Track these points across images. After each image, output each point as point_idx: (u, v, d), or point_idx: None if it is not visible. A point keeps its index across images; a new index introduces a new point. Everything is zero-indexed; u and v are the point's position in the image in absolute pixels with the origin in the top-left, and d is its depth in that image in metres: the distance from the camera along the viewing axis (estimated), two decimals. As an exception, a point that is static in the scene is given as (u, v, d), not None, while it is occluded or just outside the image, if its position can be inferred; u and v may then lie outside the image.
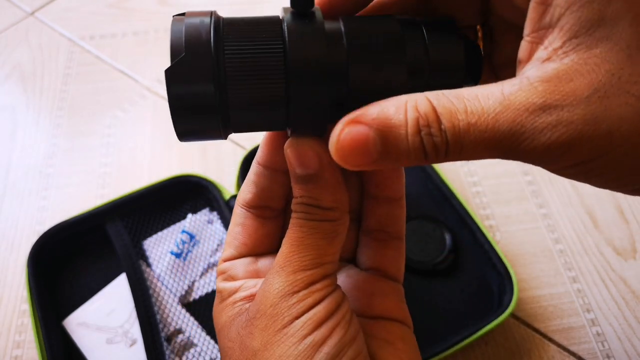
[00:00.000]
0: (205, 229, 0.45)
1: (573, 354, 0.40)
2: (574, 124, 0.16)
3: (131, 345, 0.39)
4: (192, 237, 0.44)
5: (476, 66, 0.22)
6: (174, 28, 0.19)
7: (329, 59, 0.20)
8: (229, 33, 0.20)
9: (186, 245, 0.43)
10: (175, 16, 0.20)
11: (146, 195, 0.45)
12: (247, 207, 0.26)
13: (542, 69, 0.18)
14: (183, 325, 0.40)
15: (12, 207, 0.49)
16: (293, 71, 0.19)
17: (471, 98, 0.18)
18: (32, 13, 0.66)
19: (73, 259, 0.43)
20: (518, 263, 0.44)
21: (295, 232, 0.23)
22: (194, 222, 0.45)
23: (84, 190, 0.50)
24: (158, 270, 0.42)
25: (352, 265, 0.27)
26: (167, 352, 0.38)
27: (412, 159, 0.18)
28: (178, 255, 0.43)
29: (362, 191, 0.27)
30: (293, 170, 0.22)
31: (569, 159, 0.17)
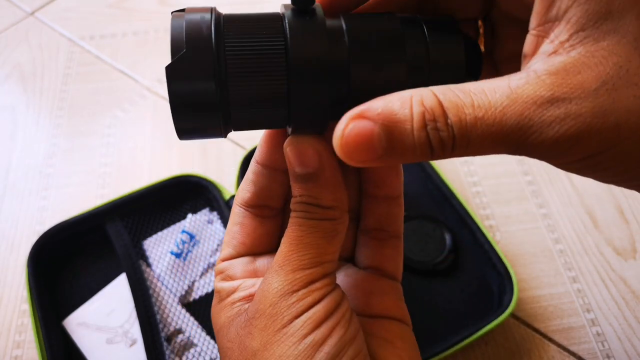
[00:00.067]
0: (205, 229, 0.45)
1: (573, 354, 0.40)
2: (582, 117, 0.16)
3: (131, 345, 0.39)
4: (192, 237, 0.44)
5: (476, 64, 0.22)
6: (174, 24, 0.19)
7: (330, 56, 0.20)
8: (230, 30, 0.19)
9: (186, 245, 0.43)
10: (175, 12, 0.20)
11: (146, 195, 0.45)
12: (246, 206, 0.25)
13: (549, 62, 0.17)
14: (183, 325, 0.40)
15: (12, 207, 0.49)
16: (294, 69, 0.19)
17: (478, 92, 0.17)
18: (32, 13, 0.66)
19: (73, 259, 0.43)
20: (518, 263, 0.44)
21: (295, 231, 0.22)
22: (194, 222, 0.45)
23: (84, 190, 0.50)
24: (158, 270, 0.42)
25: (350, 264, 0.27)
26: (167, 352, 0.38)
27: (417, 154, 0.18)
28: (178, 255, 0.42)
29: (360, 190, 0.27)
30: (292, 169, 0.22)
31: (577, 152, 0.17)
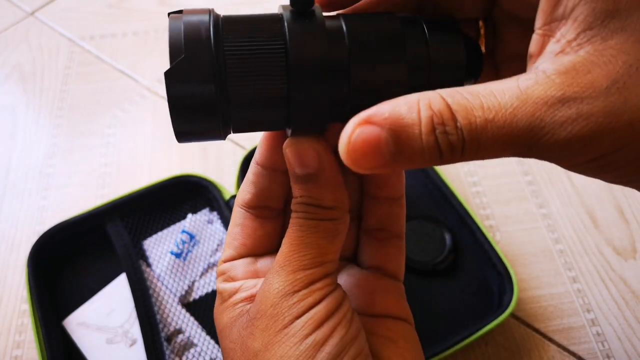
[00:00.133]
0: (205, 229, 0.45)
1: (573, 354, 0.40)
2: (595, 116, 0.16)
3: (131, 345, 0.39)
4: (192, 237, 0.44)
5: (477, 64, 0.22)
6: (172, 26, 0.19)
7: (331, 57, 0.20)
8: (229, 32, 0.19)
9: (186, 245, 0.43)
10: (172, 14, 0.20)
11: (146, 195, 0.45)
12: (246, 207, 0.25)
13: (557, 62, 0.17)
14: (183, 325, 0.40)
15: (12, 207, 0.48)
16: (294, 70, 0.19)
17: (487, 94, 0.17)
18: (32, 13, 0.66)
19: (73, 259, 0.43)
20: (518, 263, 0.44)
21: (295, 232, 0.22)
22: (194, 222, 0.44)
23: (84, 190, 0.50)
24: (158, 270, 0.42)
25: (353, 264, 0.27)
26: (167, 352, 0.38)
27: (426, 159, 0.17)
28: (178, 255, 0.42)
29: (362, 190, 0.27)
30: (292, 169, 0.22)
31: (590, 152, 0.17)
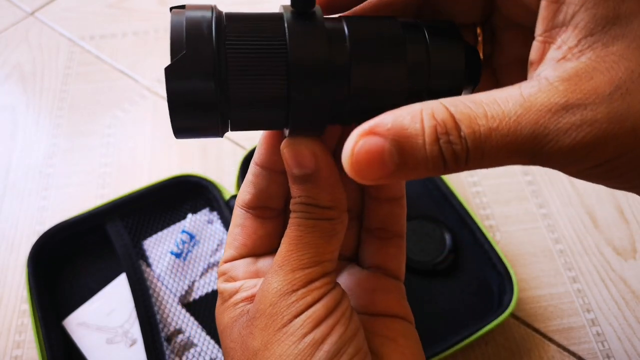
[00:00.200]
0: (205, 229, 0.45)
1: (573, 354, 0.40)
2: (599, 123, 0.16)
3: (131, 345, 0.39)
4: (192, 237, 0.44)
5: (475, 71, 0.22)
6: (174, 21, 0.19)
7: (331, 58, 0.20)
8: (231, 29, 0.19)
9: (186, 245, 0.43)
10: (174, 9, 0.20)
11: (146, 195, 0.45)
12: (246, 207, 0.26)
13: (560, 68, 0.17)
14: (183, 325, 0.40)
15: (12, 207, 0.48)
16: (294, 69, 0.19)
17: (490, 102, 0.17)
18: (32, 13, 0.66)
19: (73, 259, 0.43)
20: (518, 263, 0.44)
21: (294, 232, 0.22)
22: (194, 222, 0.44)
23: (84, 190, 0.50)
24: (158, 270, 0.42)
25: (354, 263, 0.27)
26: (167, 352, 0.38)
27: (430, 169, 0.17)
28: (178, 255, 0.42)
29: (362, 190, 0.27)
30: (290, 170, 0.22)
31: (594, 158, 0.17)
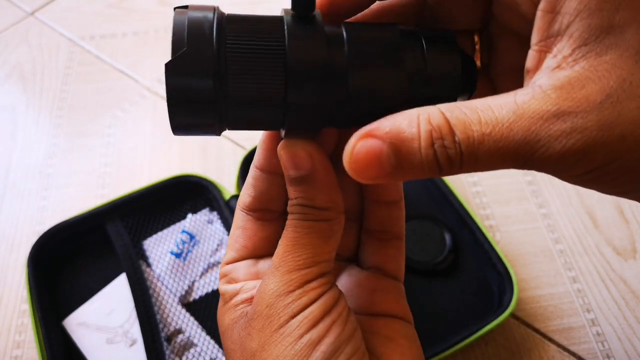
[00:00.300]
0: (205, 229, 0.45)
1: (573, 354, 0.40)
2: (589, 130, 0.17)
3: (131, 345, 0.39)
4: (192, 237, 0.44)
5: (471, 79, 0.23)
6: (176, 21, 0.19)
7: (329, 62, 0.20)
8: (232, 30, 0.20)
9: (186, 245, 0.43)
10: (178, 8, 0.20)
11: (146, 195, 0.45)
12: (247, 210, 0.26)
13: (553, 77, 0.18)
14: (183, 325, 0.40)
15: (12, 207, 0.49)
16: (292, 71, 0.19)
17: (484, 108, 0.18)
18: (32, 13, 0.66)
19: (73, 259, 0.43)
20: (518, 263, 0.44)
21: (290, 233, 0.23)
22: (194, 222, 0.45)
23: (84, 190, 0.50)
24: (158, 270, 0.42)
25: (354, 264, 0.27)
26: (167, 352, 0.38)
27: (425, 172, 0.18)
28: (178, 255, 0.43)
29: (361, 192, 0.27)
30: (287, 172, 0.23)
31: (584, 165, 0.17)
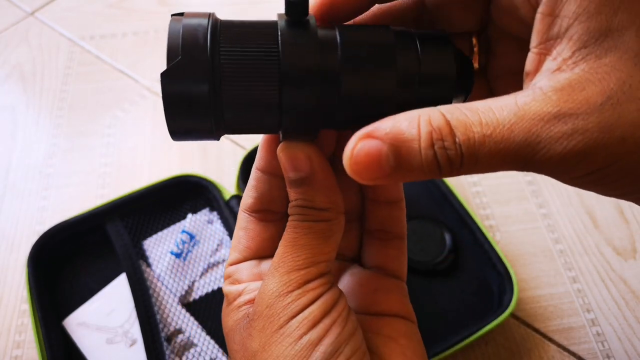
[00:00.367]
0: (205, 229, 0.45)
1: (573, 354, 0.40)
2: (589, 132, 0.17)
3: (131, 345, 0.39)
4: (192, 237, 0.44)
5: (467, 79, 0.22)
6: (171, 29, 0.20)
7: (322, 66, 0.20)
8: (226, 36, 0.20)
9: (186, 245, 0.43)
10: (174, 16, 0.20)
11: (146, 195, 0.45)
12: (249, 211, 0.26)
13: (554, 79, 0.18)
14: (183, 325, 0.40)
15: (12, 207, 0.49)
16: (285, 75, 0.20)
17: (485, 110, 0.18)
18: (32, 13, 0.66)
19: (73, 259, 0.43)
20: (518, 263, 0.44)
21: (290, 234, 0.23)
22: (194, 222, 0.45)
23: (84, 190, 0.50)
24: (158, 270, 0.42)
25: (356, 264, 0.27)
26: (167, 352, 0.38)
27: (425, 173, 0.18)
28: (178, 255, 0.43)
29: (362, 193, 0.27)
30: (287, 173, 0.23)
31: (584, 167, 0.17)
